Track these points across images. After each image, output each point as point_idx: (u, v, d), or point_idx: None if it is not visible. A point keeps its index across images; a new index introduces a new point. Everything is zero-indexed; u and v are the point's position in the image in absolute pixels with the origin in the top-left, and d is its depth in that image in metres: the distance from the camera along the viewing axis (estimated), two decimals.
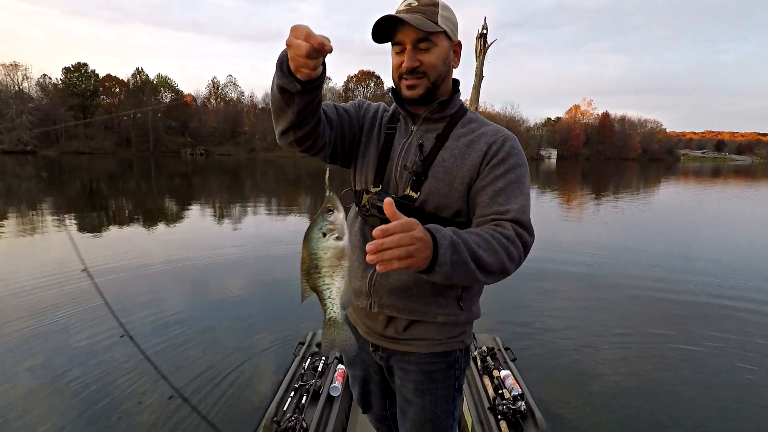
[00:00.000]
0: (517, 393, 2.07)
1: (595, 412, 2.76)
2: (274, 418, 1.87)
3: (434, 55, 1.10)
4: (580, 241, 8.22)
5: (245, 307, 4.46)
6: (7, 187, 16.08)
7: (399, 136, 1.23)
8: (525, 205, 1.07)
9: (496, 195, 1.07)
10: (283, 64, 0.93)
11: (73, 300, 4.33)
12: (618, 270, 6.13)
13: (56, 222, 8.86)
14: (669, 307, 4.64)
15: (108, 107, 59.43)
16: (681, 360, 3.49)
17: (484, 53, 7.30)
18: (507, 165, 1.10)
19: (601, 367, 3.34)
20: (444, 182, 1.13)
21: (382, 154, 1.23)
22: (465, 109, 1.24)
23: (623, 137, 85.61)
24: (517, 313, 4.39)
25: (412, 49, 1.09)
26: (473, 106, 7.22)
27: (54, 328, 3.80)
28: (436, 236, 0.86)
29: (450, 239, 0.89)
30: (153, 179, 22.50)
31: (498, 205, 1.06)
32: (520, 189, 1.09)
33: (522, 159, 1.14)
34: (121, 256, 6.15)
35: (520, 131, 76.23)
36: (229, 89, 69.56)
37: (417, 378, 1.26)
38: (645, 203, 14.90)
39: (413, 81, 1.12)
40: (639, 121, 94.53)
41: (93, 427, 2.53)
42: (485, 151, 1.12)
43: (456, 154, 1.14)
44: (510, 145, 1.13)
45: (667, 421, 2.69)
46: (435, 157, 1.15)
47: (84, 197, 14.20)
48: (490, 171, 1.10)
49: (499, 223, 1.04)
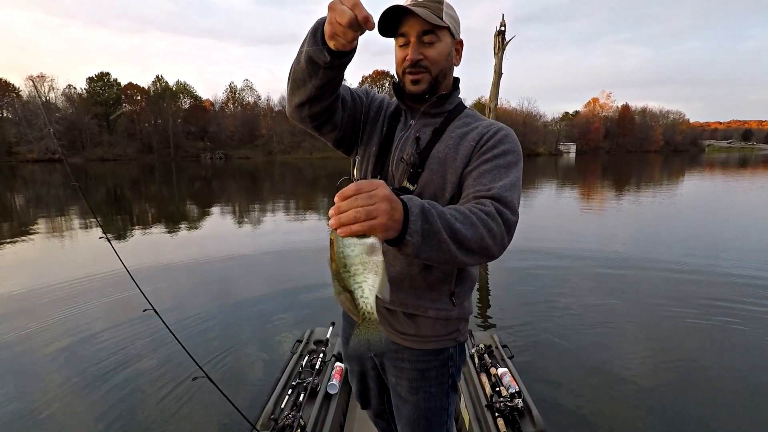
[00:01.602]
0: (514, 390, 2.07)
1: (593, 410, 2.75)
2: (271, 415, 1.89)
3: (437, 50, 1.12)
4: (584, 237, 8.09)
5: (245, 306, 4.50)
6: (53, 195, 16.70)
7: (399, 128, 1.25)
8: (510, 185, 1.04)
9: (481, 176, 1.07)
10: (317, 32, 0.92)
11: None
12: (625, 266, 6.01)
13: (87, 225, 9.20)
14: (671, 306, 4.52)
15: (129, 114, 61.06)
16: (685, 360, 3.42)
17: (502, 50, 7.27)
18: (496, 150, 1.10)
19: (600, 366, 3.31)
20: (438, 173, 1.13)
21: (382, 146, 1.24)
22: (464, 106, 1.25)
23: (644, 129, 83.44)
24: (516, 311, 4.36)
25: (417, 42, 1.10)
26: (492, 103, 7.22)
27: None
28: (405, 201, 0.81)
29: (421, 207, 0.83)
30: (174, 183, 22.99)
31: (481, 185, 1.05)
32: (507, 172, 1.07)
33: (514, 147, 1.12)
34: (149, 256, 6.36)
35: (537, 126, 75.17)
36: (246, 93, 70.62)
37: (411, 376, 1.27)
38: (668, 195, 14.54)
39: (417, 75, 1.13)
40: (661, 112, 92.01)
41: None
42: (477, 140, 1.13)
43: (450, 145, 1.14)
44: (503, 134, 1.13)
45: (667, 421, 2.66)
46: (431, 150, 1.16)
47: (111, 202, 14.66)
48: (480, 156, 1.10)
49: (480, 200, 1.01)
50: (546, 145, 73.95)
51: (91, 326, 3.95)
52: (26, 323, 4.04)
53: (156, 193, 18.31)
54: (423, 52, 1.11)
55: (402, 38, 1.13)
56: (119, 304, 4.45)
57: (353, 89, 1.29)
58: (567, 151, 74.23)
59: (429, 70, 1.13)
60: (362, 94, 1.31)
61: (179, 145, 60.02)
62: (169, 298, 4.72)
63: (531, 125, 73.15)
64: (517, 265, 5.89)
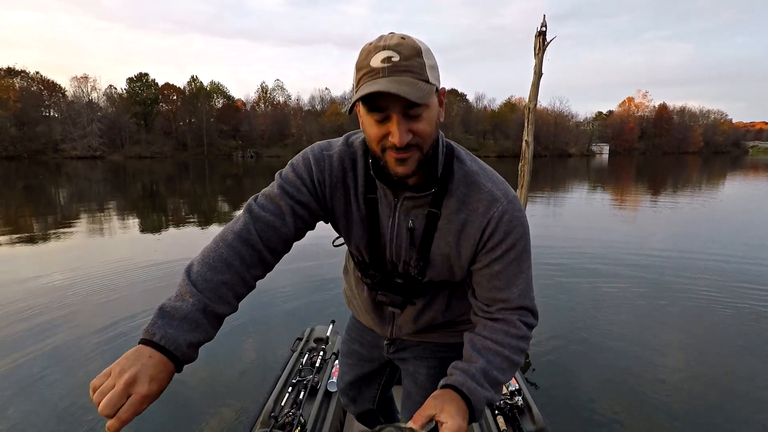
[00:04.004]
0: (514, 388, 2.07)
1: (592, 407, 2.73)
2: (271, 413, 1.90)
3: (426, 121, 0.88)
4: (592, 236, 7.84)
5: (245, 303, 4.57)
6: (121, 188, 17.57)
7: (382, 210, 1.05)
8: (526, 286, 1.01)
9: (494, 278, 0.99)
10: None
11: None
12: (632, 266, 5.85)
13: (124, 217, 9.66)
14: (669, 302, 4.40)
15: (166, 114, 63.37)
16: (684, 359, 3.34)
17: (543, 51, 7.20)
18: (504, 246, 0.97)
19: (600, 364, 3.28)
20: (444, 267, 1.05)
21: (372, 233, 1.07)
22: (450, 160, 1.01)
23: (683, 129, 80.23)
24: None
25: (402, 119, 0.85)
26: (531, 103, 7.21)
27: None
28: (473, 414, 0.90)
29: (484, 402, 0.93)
30: (207, 180, 23.66)
31: (497, 291, 0.99)
32: (520, 267, 0.99)
33: (521, 230, 0.98)
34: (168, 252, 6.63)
35: (568, 126, 73.40)
36: (277, 93, 72.05)
37: (431, 363, 1.28)
38: (707, 198, 13.92)
39: (404, 155, 0.89)
40: (701, 112, 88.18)
41: None
42: (479, 238, 0.98)
43: (450, 242, 1.01)
44: (506, 220, 0.96)
45: (669, 420, 2.62)
46: (430, 245, 1.03)
47: (146, 197, 15.32)
48: (486, 255, 0.99)
49: (507, 318, 0.99)
50: (578, 146, 72.15)
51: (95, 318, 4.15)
52: (70, 312, 4.24)
53: (189, 189, 18.92)
54: (411, 129, 0.86)
55: (378, 113, 0.86)
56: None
57: (287, 211, 0.98)
58: (600, 152, 72.15)
59: (420, 147, 0.90)
60: (311, 202, 1.02)
61: (212, 144, 61.91)
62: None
63: (562, 125, 71.54)
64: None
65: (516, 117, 68.22)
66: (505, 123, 71.29)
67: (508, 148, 65.15)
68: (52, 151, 52.15)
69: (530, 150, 8.05)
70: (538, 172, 25.60)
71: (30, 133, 51.56)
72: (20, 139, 50.45)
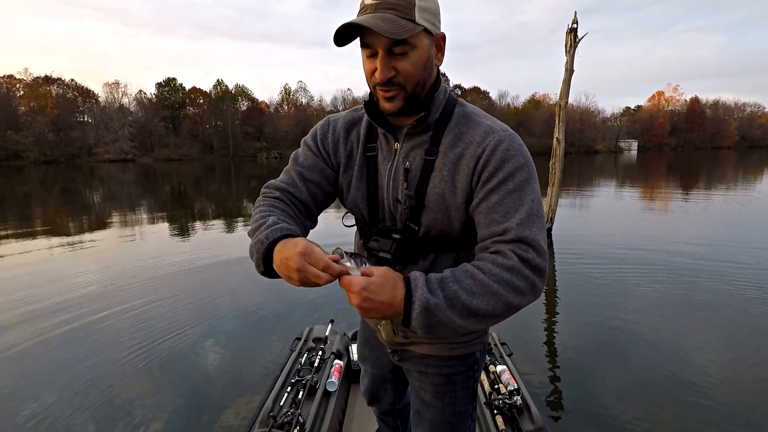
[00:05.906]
0: (513, 388, 2.05)
1: (591, 407, 2.69)
2: (270, 413, 1.90)
3: (412, 61, 0.91)
4: (601, 234, 7.61)
5: (244, 303, 4.52)
6: (155, 190, 18.24)
7: (382, 158, 1.07)
8: (527, 216, 0.89)
9: (491, 211, 0.92)
10: (261, 265, 0.93)
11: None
12: (636, 264, 5.68)
13: (155, 219, 9.99)
14: (671, 304, 4.18)
15: (193, 117, 65.11)
16: (691, 361, 3.21)
17: (574, 47, 7.11)
18: (501, 174, 0.92)
19: (599, 363, 3.23)
20: (440, 212, 1.00)
21: (369, 183, 1.08)
22: (452, 105, 1.03)
23: (716, 123, 76.70)
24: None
25: (386, 56, 0.90)
26: (563, 101, 7.12)
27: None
28: (411, 298, 0.83)
29: (425, 305, 0.81)
30: (233, 182, 24.15)
31: (495, 224, 0.90)
32: (521, 198, 0.91)
33: (521, 159, 0.93)
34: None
35: (595, 123, 71.53)
36: (300, 94, 73.01)
37: (436, 381, 1.21)
38: (744, 194, 13.32)
39: (390, 92, 0.93)
40: (736, 105, 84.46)
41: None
42: (473, 167, 0.94)
43: (446, 177, 0.98)
44: (503, 148, 0.93)
45: (672, 414, 2.57)
46: (426, 184, 1.00)
47: (175, 198, 15.78)
48: (482, 187, 0.93)
49: (499, 249, 0.88)
50: (605, 142, 70.28)
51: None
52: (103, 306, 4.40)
53: (215, 191, 19.37)
54: (395, 66, 0.91)
55: (368, 49, 0.92)
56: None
57: (306, 178, 1.10)
58: (628, 148, 70.10)
59: (404, 86, 0.93)
60: (318, 160, 1.12)
61: (237, 145, 63.35)
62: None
63: (588, 121, 69.79)
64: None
65: (540, 114, 66.95)
66: (530, 120, 70.03)
67: (533, 146, 63.83)
68: (87, 155, 54.46)
69: (561, 147, 7.90)
70: (565, 169, 24.83)
71: (66, 138, 53.94)
72: (57, 144, 52.83)
